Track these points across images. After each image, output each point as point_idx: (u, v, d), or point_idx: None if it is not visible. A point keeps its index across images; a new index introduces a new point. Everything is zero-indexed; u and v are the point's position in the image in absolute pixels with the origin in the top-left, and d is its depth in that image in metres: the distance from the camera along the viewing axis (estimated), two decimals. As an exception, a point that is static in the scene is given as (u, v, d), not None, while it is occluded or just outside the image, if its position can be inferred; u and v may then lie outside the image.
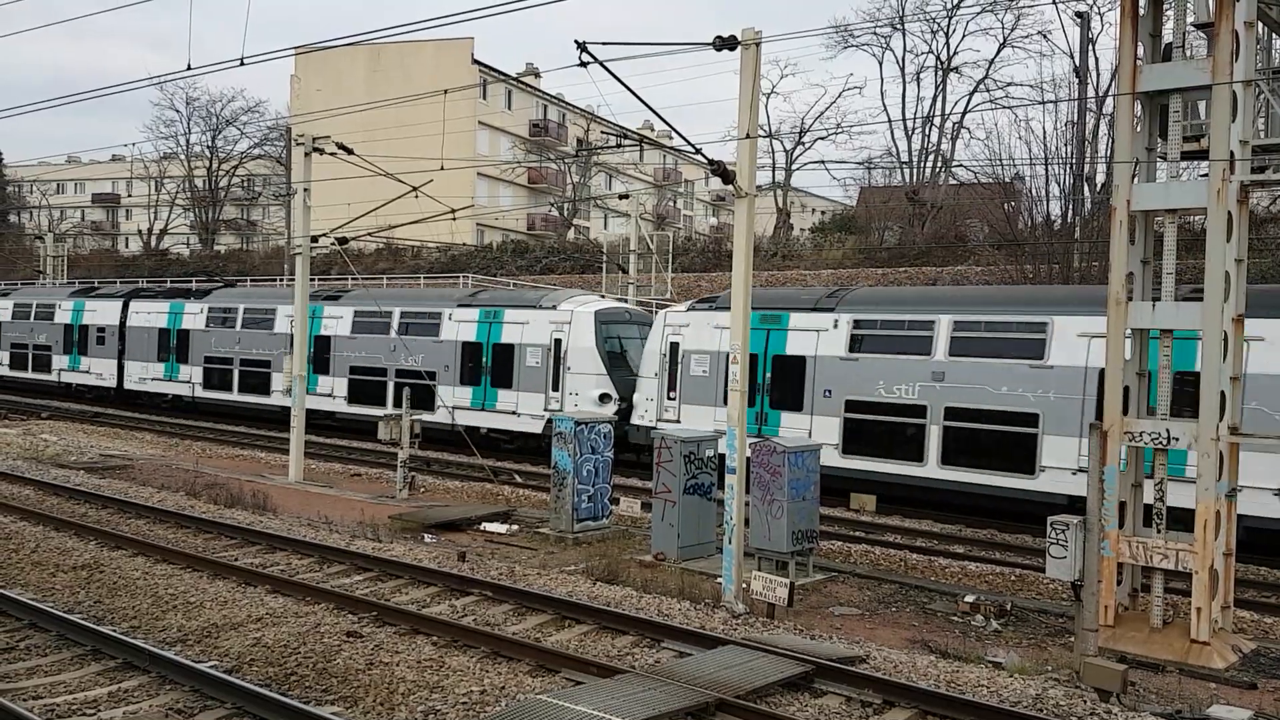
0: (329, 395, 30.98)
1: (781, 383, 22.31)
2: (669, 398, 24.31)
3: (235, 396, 34.14)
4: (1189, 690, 10.92)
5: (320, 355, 31.05)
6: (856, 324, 21.61)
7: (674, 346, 24.28)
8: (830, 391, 21.49)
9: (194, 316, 35.85)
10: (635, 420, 24.92)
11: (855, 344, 21.49)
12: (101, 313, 39.83)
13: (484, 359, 28.19)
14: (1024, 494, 19.09)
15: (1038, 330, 19.35)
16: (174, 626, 11.55)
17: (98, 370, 39.48)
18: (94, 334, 39.92)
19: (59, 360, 41.02)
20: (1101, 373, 15.70)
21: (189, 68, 17.19)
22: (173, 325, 36.53)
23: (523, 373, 27.33)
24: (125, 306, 38.66)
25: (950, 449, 19.92)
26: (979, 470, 19.54)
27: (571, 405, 26.00)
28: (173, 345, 36.38)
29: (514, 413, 27.44)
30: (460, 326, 28.86)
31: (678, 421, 23.48)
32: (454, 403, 28.04)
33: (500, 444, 27.63)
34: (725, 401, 14.22)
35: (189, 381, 34.97)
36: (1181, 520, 12.38)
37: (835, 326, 21.81)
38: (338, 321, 31.53)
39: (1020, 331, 19.61)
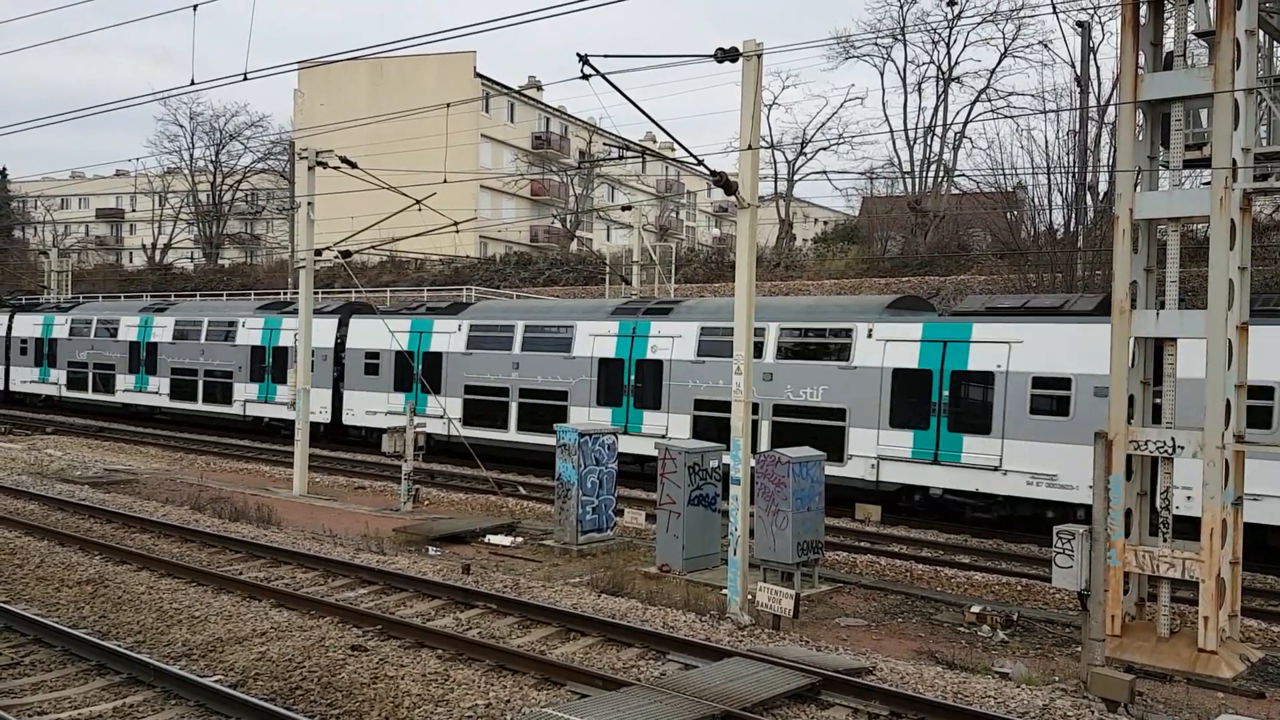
0: (439, 417, 27.43)
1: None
2: None
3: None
4: (1197, 700, 10.88)
5: (430, 373, 28.66)
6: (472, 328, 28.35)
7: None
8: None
9: (450, 337, 29.07)
10: None
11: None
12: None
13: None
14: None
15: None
16: (179, 641, 11.54)
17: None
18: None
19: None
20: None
21: (193, 83, 17.27)
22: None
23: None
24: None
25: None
26: None
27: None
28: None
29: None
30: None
31: None
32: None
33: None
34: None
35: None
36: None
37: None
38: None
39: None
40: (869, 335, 21.41)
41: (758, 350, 22.05)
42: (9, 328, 43.90)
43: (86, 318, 40.58)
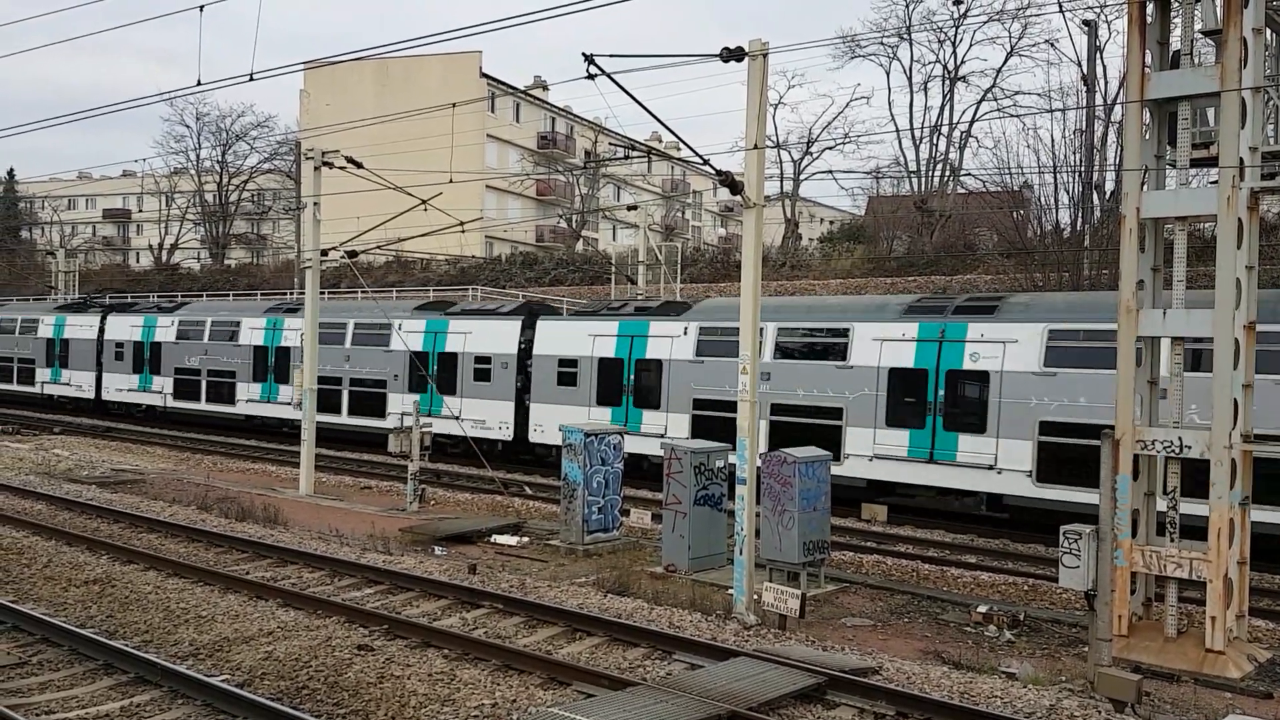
0: (658, 435, 24.01)
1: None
2: None
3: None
4: (1204, 700, 10.85)
5: (645, 383, 24.99)
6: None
7: None
8: None
9: (673, 342, 24.71)
10: None
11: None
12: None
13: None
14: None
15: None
16: (186, 640, 11.57)
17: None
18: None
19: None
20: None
21: (199, 83, 17.28)
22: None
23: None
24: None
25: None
26: None
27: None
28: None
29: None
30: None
31: None
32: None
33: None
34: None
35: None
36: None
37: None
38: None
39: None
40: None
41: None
42: (101, 330, 39.60)
43: (198, 319, 36.19)
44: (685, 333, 24.45)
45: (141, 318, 38.56)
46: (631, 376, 25.13)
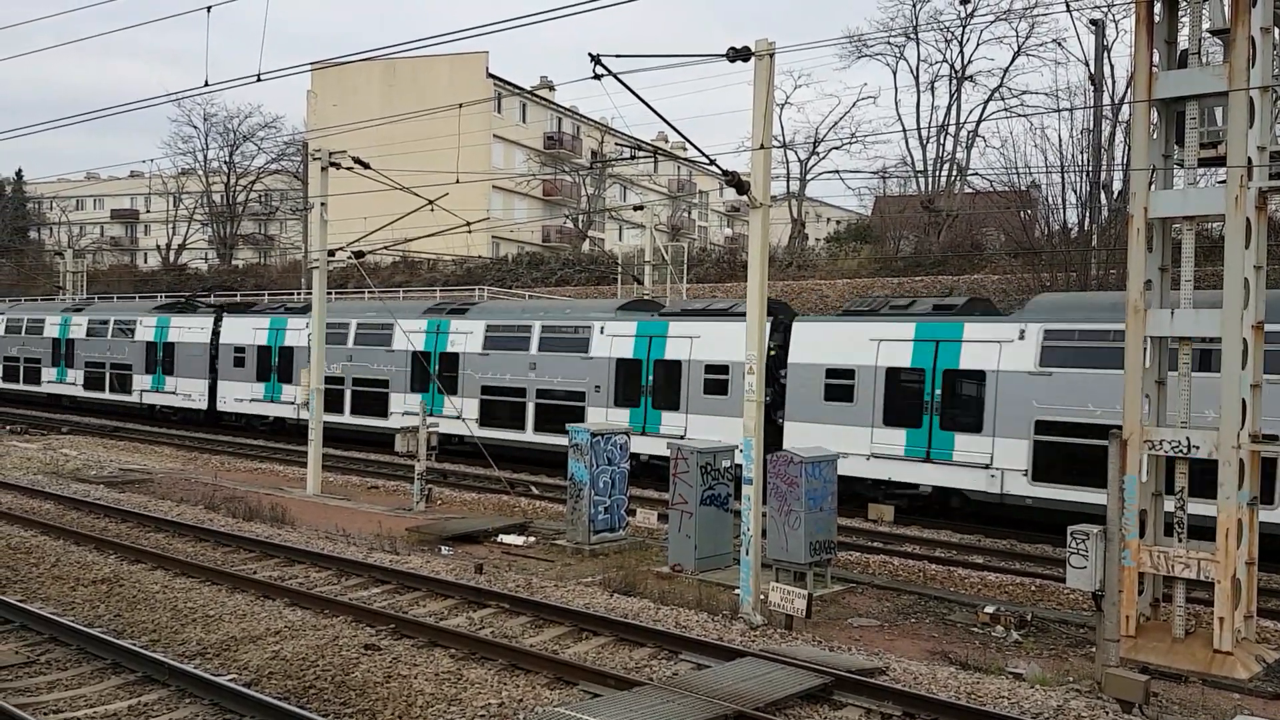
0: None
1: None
2: None
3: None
4: (1212, 701, 10.81)
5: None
6: None
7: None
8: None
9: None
10: None
11: None
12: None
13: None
14: None
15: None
16: (193, 640, 11.59)
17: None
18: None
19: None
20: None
21: (206, 84, 17.39)
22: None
23: None
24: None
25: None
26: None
27: None
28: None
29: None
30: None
31: None
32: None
33: None
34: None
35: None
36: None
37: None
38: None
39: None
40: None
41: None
42: (215, 333, 35.91)
43: (339, 320, 31.46)
44: (1022, 336, 19.60)
45: (266, 319, 34.47)
46: (939, 391, 20.50)
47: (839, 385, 21.91)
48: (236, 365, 34.62)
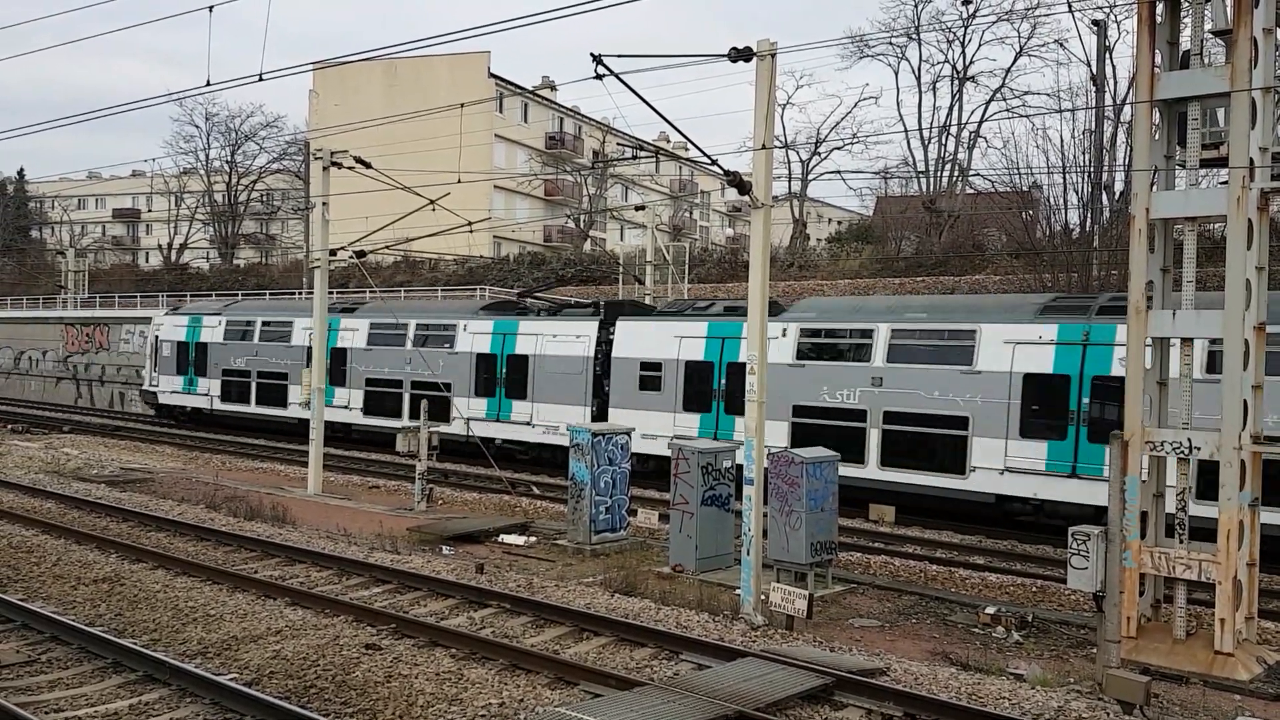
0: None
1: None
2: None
3: None
4: (1213, 702, 10.81)
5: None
6: None
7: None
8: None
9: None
10: None
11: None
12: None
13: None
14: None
15: None
16: (194, 639, 11.60)
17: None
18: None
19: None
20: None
21: (208, 83, 17.39)
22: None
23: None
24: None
25: None
26: None
27: None
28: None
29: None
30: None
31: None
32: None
33: None
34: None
35: None
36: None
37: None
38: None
39: None
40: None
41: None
42: (603, 342, 26.53)
43: (832, 326, 22.65)
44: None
45: (702, 324, 24.53)
46: None
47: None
48: (647, 388, 25.22)
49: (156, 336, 38.63)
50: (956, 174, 50.89)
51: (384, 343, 30.98)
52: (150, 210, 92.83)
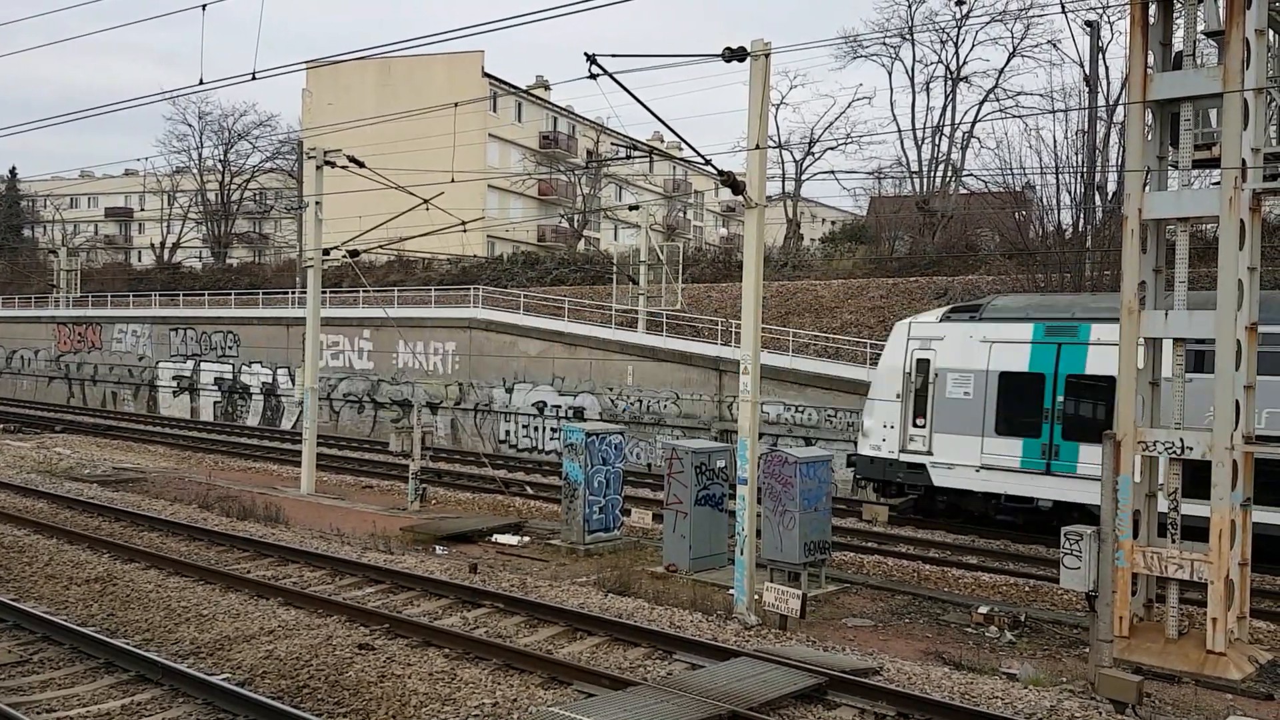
0: None
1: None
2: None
3: None
4: (1205, 702, 10.84)
5: None
6: None
7: (922, 363, 20.32)
8: None
9: None
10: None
11: None
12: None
13: None
14: None
15: None
16: (187, 639, 11.56)
17: None
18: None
19: None
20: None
21: (201, 82, 17.26)
22: None
23: None
24: None
25: None
26: None
27: None
28: None
29: None
30: None
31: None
32: None
33: None
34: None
35: None
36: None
37: None
38: None
39: None
40: None
41: None
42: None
43: None
44: None
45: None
46: None
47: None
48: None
49: (925, 360, 20.44)
50: (950, 174, 50.99)
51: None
52: (143, 209, 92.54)
